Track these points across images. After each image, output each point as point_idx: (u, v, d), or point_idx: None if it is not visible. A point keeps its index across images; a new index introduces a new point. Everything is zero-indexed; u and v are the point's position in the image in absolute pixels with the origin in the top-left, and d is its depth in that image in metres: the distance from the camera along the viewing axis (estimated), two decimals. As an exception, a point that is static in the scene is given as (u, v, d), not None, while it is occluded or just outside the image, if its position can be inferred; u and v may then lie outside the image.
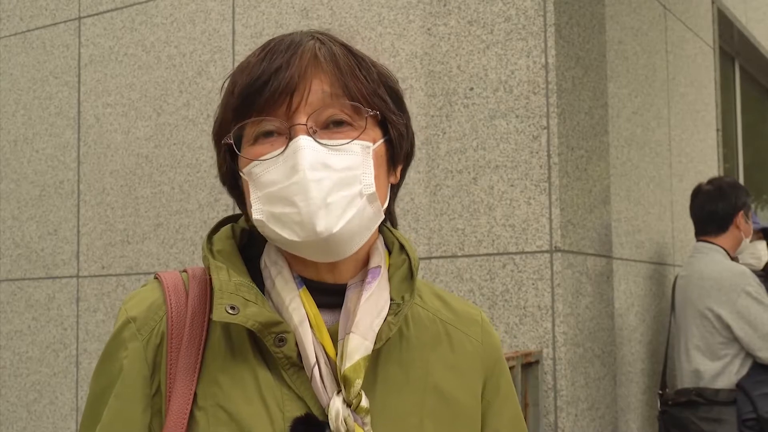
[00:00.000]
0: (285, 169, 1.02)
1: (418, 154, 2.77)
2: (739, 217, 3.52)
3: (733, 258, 3.55)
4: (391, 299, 1.10)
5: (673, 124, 4.16)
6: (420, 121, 2.99)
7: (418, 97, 3.01)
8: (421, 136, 2.96)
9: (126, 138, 3.69)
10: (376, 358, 1.07)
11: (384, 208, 1.09)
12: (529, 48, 2.85)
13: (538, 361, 2.72)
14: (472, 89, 2.93)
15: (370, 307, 1.06)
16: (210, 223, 3.41)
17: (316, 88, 1.03)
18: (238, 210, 1.18)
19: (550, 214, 2.78)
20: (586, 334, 2.90)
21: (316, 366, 1.03)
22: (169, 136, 3.58)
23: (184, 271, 1.13)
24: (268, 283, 1.09)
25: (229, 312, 1.01)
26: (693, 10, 4.62)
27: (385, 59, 3.04)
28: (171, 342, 1.05)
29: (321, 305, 1.08)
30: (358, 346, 1.03)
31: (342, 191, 1.02)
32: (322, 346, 1.04)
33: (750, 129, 6.57)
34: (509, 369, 2.52)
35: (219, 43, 3.49)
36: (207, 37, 3.53)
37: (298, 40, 1.07)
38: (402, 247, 1.17)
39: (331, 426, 1.01)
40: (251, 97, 1.04)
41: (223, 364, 1.05)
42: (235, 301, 1.02)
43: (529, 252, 2.80)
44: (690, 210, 3.64)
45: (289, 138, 1.03)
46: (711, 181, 3.62)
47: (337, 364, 1.03)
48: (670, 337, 3.64)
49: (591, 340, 2.93)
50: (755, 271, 3.48)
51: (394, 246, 1.17)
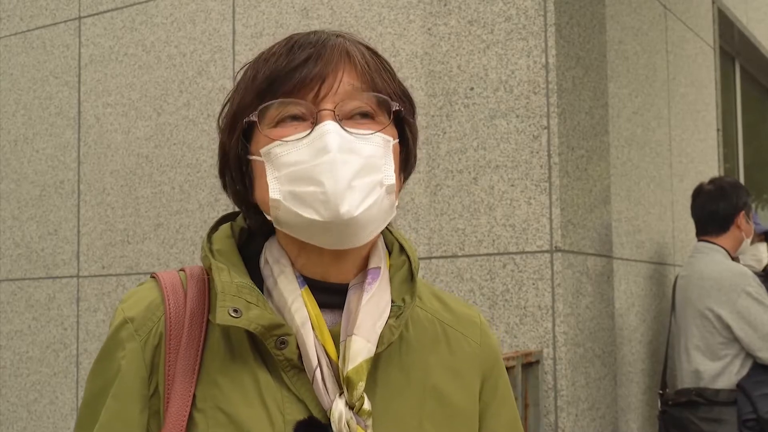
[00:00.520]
0: (311, 150, 1.02)
1: (418, 154, 2.77)
2: (740, 218, 3.52)
3: (734, 258, 3.55)
4: (391, 301, 1.09)
5: (674, 124, 4.16)
6: (420, 120, 2.99)
7: (418, 97, 3.01)
8: (422, 135, 2.96)
9: (126, 138, 3.69)
10: (376, 361, 1.06)
11: (396, 202, 1.09)
12: (530, 48, 2.85)
13: (538, 361, 2.72)
14: (472, 89, 2.93)
15: (372, 309, 1.06)
16: (210, 223, 3.40)
17: (345, 80, 1.05)
18: (238, 209, 1.18)
19: (551, 214, 2.78)
20: (587, 334, 2.90)
21: (318, 368, 1.02)
22: (170, 136, 3.58)
23: (182, 270, 1.12)
24: (269, 282, 1.08)
25: (232, 315, 1.01)
26: (693, 10, 4.62)
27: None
28: (169, 343, 1.04)
29: (322, 305, 1.07)
30: (361, 348, 1.03)
31: (365, 177, 1.02)
32: (324, 347, 1.04)
33: (750, 129, 6.57)
34: (509, 369, 2.53)
35: (219, 42, 3.49)
36: (207, 36, 3.52)
37: (324, 37, 1.08)
38: (402, 248, 1.16)
39: (333, 429, 1.01)
40: (279, 82, 1.04)
41: (222, 365, 1.04)
42: (238, 303, 1.02)
43: (529, 252, 2.80)
44: (691, 210, 3.64)
45: (315, 123, 1.03)
46: (712, 181, 3.62)
47: (339, 366, 1.03)
48: (670, 337, 3.64)
49: (591, 340, 2.93)
50: (756, 273, 3.48)
51: (394, 246, 1.16)
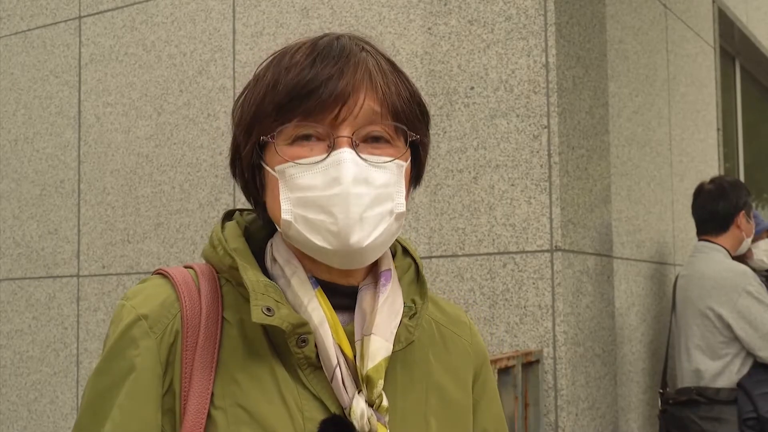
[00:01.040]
0: (325, 178, 1.02)
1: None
2: (740, 217, 3.52)
3: (739, 257, 3.55)
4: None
5: (674, 124, 4.16)
6: (420, 120, 2.98)
7: (418, 96, 3.00)
8: (422, 135, 2.95)
9: (126, 137, 3.69)
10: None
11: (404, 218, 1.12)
12: (530, 47, 2.85)
13: (538, 361, 2.72)
14: (472, 88, 2.93)
15: (388, 309, 1.08)
16: (210, 222, 3.41)
17: (366, 104, 1.04)
18: (239, 208, 1.18)
19: (551, 214, 2.78)
20: (587, 334, 2.90)
21: (338, 367, 1.03)
22: (170, 136, 3.58)
23: (190, 267, 1.12)
24: (281, 282, 1.08)
25: (266, 313, 1.01)
26: (693, 10, 4.62)
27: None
28: (186, 340, 1.04)
29: (333, 306, 1.08)
30: (380, 347, 1.04)
31: (377, 208, 1.03)
32: (340, 347, 1.05)
33: (750, 128, 6.57)
34: (510, 368, 2.53)
35: (219, 42, 3.49)
36: (207, 36, 3.52)
37: (348, 48, 1.06)
38: (405, 251, 1.19)
39: (356, 426, 1.02)
40: (299, 99, 1.03)
41: (240, 362, 1.04)
42: (269, 302, 1.03)
43: (529, 251, 2.80)
44: (692, 209, 3.64)
45: (331, 147, 1.03)
46: (713, 181, 3.62)
47: (357, 364, 1.04)
48: (670, 336, 3.64)
49: (591, 340, 2.93)
50: (762, 270, 3.47)
51: (398, 249, 1.18)
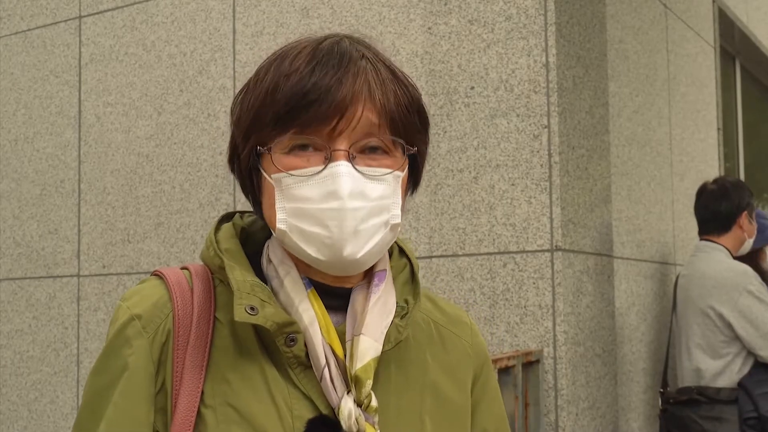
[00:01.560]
0: (321, 191, 1.02)
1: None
2: (743, 218, 3.51)
3: (741, 258, 3.55)
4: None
5: (674, 123, 4.16)
6: (421, 120, 2.98)
7: (418, 96, 3.00)
8: (422, 135, 2.95)
9: (126, 137, 3.69)
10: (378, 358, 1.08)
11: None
12: (530, 47, 2.85)
13: (538, 360, 2.72)
14: (472, 88, 2.93)
15: (379, 310, 1.08)
16: (210, 222, 3.41)
17: (364, 116, 1.03)
18: (239, 208, 1.18)
19: (551, 213, 2.78)
20: (587, 333, 2.90)
21: (326, 367, 1.04)
22: (170, 135, 3.58)
23: (185, 268, 1.13)
24: (274, 283, 1.09)
25: (249, 312, 1.02)
26: (694, 9, 4.62)
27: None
28: (178, 340, 1.05)
29: (326, 307, 1.08)
30: (369, 347, 1.05)
31: (372, 220, 1.04)
32: (331, 347, 1.05)
33: (751, 128, 6.57)
34: (510, 368, 2.53)
35: (219, 42, 3.49)
36: (208, 36, 3.52)
37: (348, 55, 1.05)
38: (402, 251, 1.19)
39: (343, 425, 1.02)
40: (297, 111, 1.03)
41: (231, 362, 1.05)
42: (253, 301, 1.03)
43: (529, 251, 2.80)
44: (694, 209, 3.64)
45: (328, 159, 1.03)
46: (716, 181, 3.62)
47: (347, 364, 1.04)
48: (671, 335, 3.64)
49: (592, 339, 2.93)
50: None
51: (394, 249, 1.18)
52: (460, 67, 2.96)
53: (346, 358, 1.05)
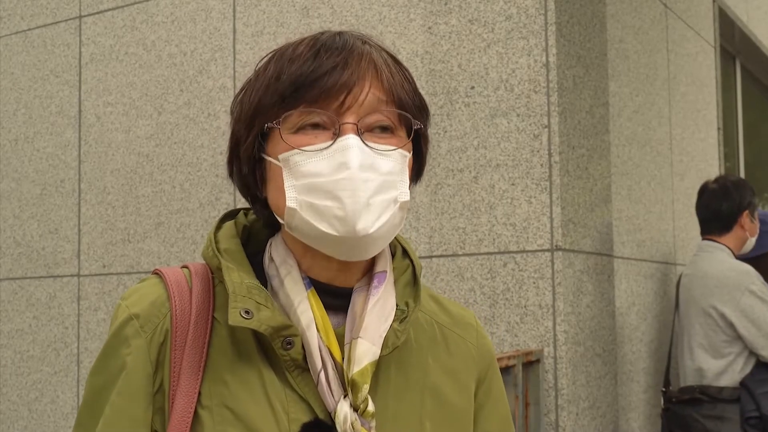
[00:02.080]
0: (332, 164, 1.02)
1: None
2: (744, 217, 3.51)
3: (738, 256, 3.55)
4: (396, 304, 1.10)
5: (674, 123, 4.15)
6: (421, 119, 2.98)
7: (419, 95, 3.00)
8: (422, 134, 2.95)
9: (127, 137, 3.69)
10: (377, 362, 1.07)
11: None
12: (530, 47, 2.85)
13: (539, 360, 2.72)
14: (473, 88, 2.93)
15: (378, 312, 1.07)
16: (211, 221, 3.41)
17: (371, 92, 1.04)
18: (240, 207, 1.17)
19: (551, 213, 2.78)
20: (587, 333, 2.90)
21: (323, 370, 1.03)
22: (170, 135, 3.58)
23: (185, 267, 1.12)
24: (275, 282, 1.08)
25: (244, 316, 1.01)
26: (694, 9, 4.62)
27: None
28: (175, 340, 1.04)
29: (327, 307, 1.07)
30: (367, 351, 1.04)
31: (382, 194, 1.03)
32: (329, 350, 1.04)
33: (751, 128, 6.57)
34: (510, 368, 2.53)
35: (220, 41, 3.49)
36: (208, 35, 3.52)
37: (350, 42, 1.07)
38: (405, 252, 1.18)
39: (338, 430, 1.02)
40: (304, 88, 1.03)
41: (228, 363, 1.04)
42: (249, 304, 1.02)
43: (530, 251, 2.80)
44: (696, 208, 3.63)
45: (337, 134, 1.03)
46: (717, 180, 3.61)
47: (344, 368, 1.03)
48: (673, 335, 3.64)
49: (592, 339, 2.93)
50: None
51: (397, 250, 1.17)
52: (460, 66, 2.96)
53: (344, 361, 1.04)
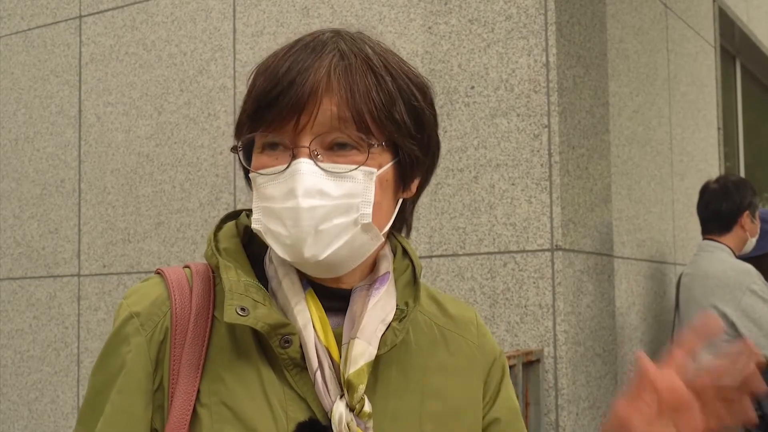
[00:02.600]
0: (283, 190, 1.02)
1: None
2: (744, 217, 3.50)
3: (738, 256, 3.54)
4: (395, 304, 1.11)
5: (674, 123, 4.16)
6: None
7: (419, 95, 3.00)
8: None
9: (127, 137, 3.69)
10: (376, 362, 1.07)
11: (389, 225, 1.09)
12: (530, 46, 2.85)
13: (539, 360, 2.72)
14: (473, 88, 2.93)
15: (377, 313, 1.07)
16: (211, 221, 3.41)
17: (325, 108, 1.01)
18: (240, 207, 1.18)
19: (551, 213, 2.78)
20: (587, 333, 2.90)
21: (319, 370, 1.03)
22: (170, 135, 3.58)
23: (187, 266, 1.13)
24: (273, 283, 1.08)
25: (240, 314, 1.02)
26: (694, 9, 4.62)
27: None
28: (175, 338, 1.05)
29: (327, 309, 1.07)
30: (363, 351, 1.04)
31: (336, 219, 1.01)
32: (327, 349, 1.04)
33: (751, 127, 6.57)
34: (510, 368, 2.53)
35: (220, 41, 3.49)
36: (208, 35, 3.52)
37: (320, 48, 1.04)
38: (405, 252, 1.17)
39: (334, 430, 1.02)
40: (262, 110, 1.03)
41: (227, 361, 1.05)
42: (245, 302, 1.03)
43: (530, 251, 2.80)
44: (696, 208, 3.63)
45: (293, 156, 1.02)
46: (718, 180, 3.61)
47: (341, 368, 1.03)
48: (673, 335, 3.64)
49: (592, 339, 2.93)
50: None
51: (398, 250, 1.17)
52: (460, 66, 2.96)
53: (341, 361, 1.04)
